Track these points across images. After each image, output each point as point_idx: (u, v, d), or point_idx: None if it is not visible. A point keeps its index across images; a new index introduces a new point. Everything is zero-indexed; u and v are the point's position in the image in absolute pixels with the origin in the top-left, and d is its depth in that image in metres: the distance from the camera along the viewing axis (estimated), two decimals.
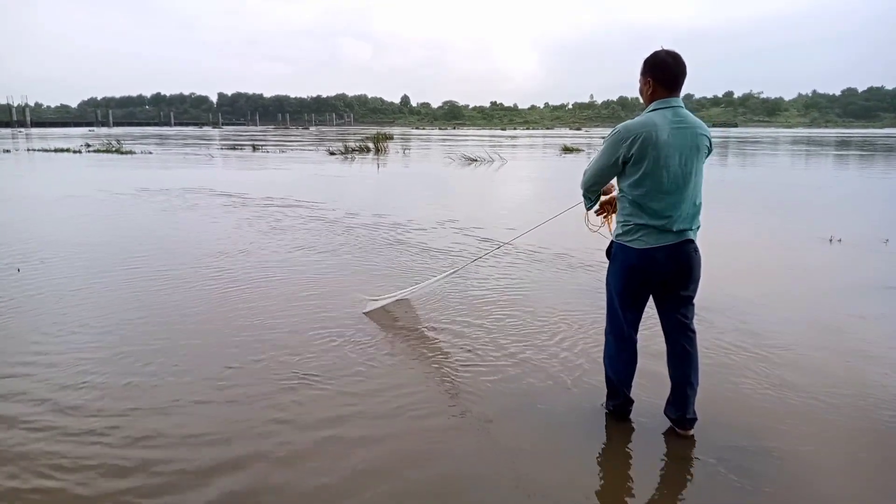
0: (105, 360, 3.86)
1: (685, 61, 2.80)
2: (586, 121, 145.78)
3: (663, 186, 2.74)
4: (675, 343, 2.99)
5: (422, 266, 6.37)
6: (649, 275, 2.86)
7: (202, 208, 10.38)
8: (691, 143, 2.76)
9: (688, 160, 2.76)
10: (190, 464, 2.72)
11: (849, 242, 7.62)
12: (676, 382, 3.01)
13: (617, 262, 2.95)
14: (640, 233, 2.81)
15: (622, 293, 2.96)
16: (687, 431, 3.02)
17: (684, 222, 2.79)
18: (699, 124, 2.81)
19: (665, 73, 2.77)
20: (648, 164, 2.73)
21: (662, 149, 2.71)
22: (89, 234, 8.16)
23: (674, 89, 2.78)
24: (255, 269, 6.16)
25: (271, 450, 2.86)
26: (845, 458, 2.88)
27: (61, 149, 28.11)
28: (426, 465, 2.78)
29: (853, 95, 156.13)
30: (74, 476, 2.64)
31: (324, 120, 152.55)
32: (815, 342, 4.30)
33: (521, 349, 4.11)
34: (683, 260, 2.82)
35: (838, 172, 20.37)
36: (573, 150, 29.87)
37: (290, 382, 3.56)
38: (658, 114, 2.76)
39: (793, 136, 60.47)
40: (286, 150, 30.05)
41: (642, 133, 2.72)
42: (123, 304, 5.00)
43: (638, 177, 2.76)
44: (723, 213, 9.79)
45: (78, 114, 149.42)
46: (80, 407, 3.24)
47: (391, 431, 3.05)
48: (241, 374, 3.66)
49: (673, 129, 2.73)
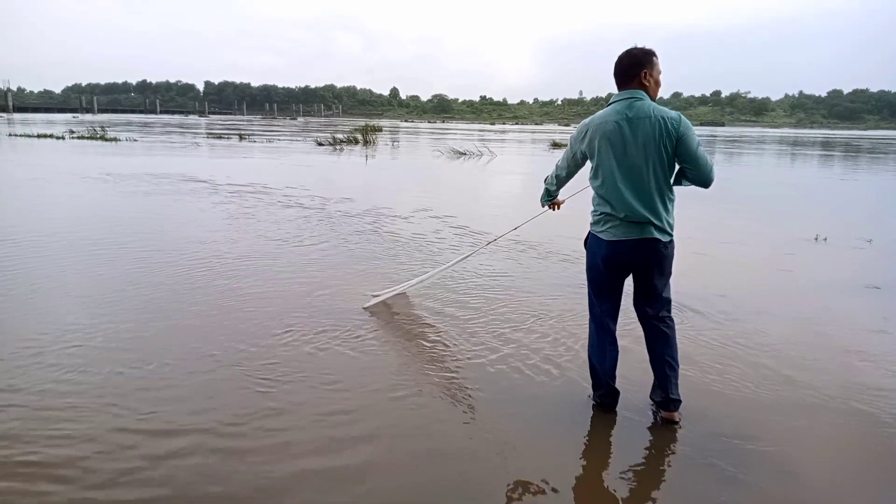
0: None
1: (643, 53, 2.87)
2: (575, 117, 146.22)
3: (615, 177, 2.84)
4: (653, 330, 3.05)
5: (418, 259, 6.34)
6: (618, 265, 2.96)
7: (184, 194, 10.26)
8: (646, 134, 2.77)
9: (641, 151, 2.78)
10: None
11: (834, 241, 7.69)
12: (657, 363, 3.06)
13: (589, 251, 3.06)
14: (607, 224, 2.92)
15: (595, 281, 3.06)
16: (672, 414, 3.03)
17: (646, 214, 2.82)
18: (657, 114, 2.77)
19: (617, 69, 2.91)
20: (600, 156, 2.88)
21: (608, 139, 2.83)
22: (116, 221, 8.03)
23: (624, 83, 2.90)
24: (248, 258, 6.09)
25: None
26: (833, 451, 2.90)
27: (44, 134, 27.66)
28: (415, 457, 2.76)
29: (839, 97, 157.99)
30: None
31: (311, 111, 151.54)
32: (800, 338, 4.33)
33: (507, 340, 4.09)
34: (650, 255, 2.89)
35: (823, 173, 20.58)
36: (562, 146, 29.92)
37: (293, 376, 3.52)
38: (611, 107, 2.89)
39: (779, 137, 61.02)
40: (273, 140, 29.79)
41: (591, 126, 2.90)
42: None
43: (594, 168, 2.95)
44: (709, 210, 9.85)
45: (62, 100, 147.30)
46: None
47: (379, 422, 3.02)
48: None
49: (620, 119, 2.80)
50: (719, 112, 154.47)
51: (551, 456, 2.79)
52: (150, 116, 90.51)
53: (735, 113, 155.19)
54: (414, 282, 4.88)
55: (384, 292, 4.79)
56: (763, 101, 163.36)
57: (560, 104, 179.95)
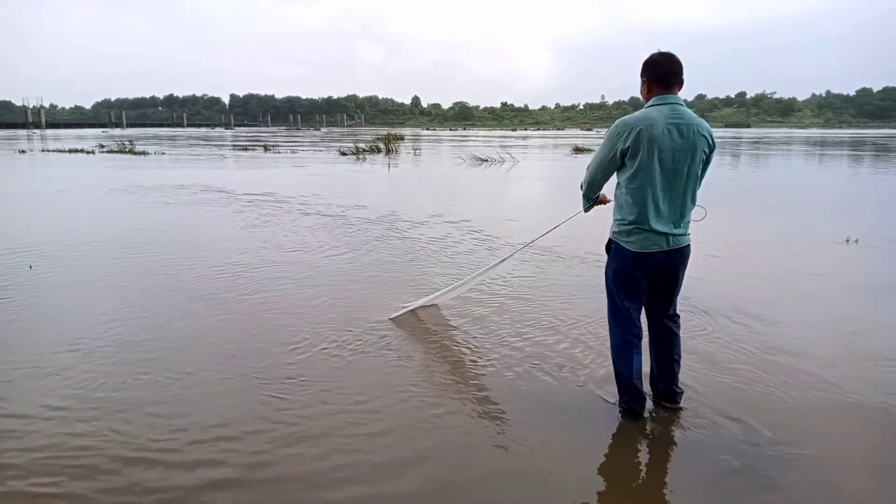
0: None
1: (681, 60, 2.88)
2: (597, 121, 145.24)
3: (655, 181, 2.80)
4: (662, 328, 3.15)
5: (441, 267, 6.37)
6: (643, 272, 2.99)
7: (216, 205, 10.43)
8: (687, 143, 2.79)
9: (682, 159, 2.80)
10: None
11: (865, 243, 7.53)
12: (664, 363, 3.18)
13: (615, 260, 3.05)
14: (634, 235, 2.90)
15: (625, 287, 3.05)
16: (677, 404, 3.18)
17: (676, 223, 2.88)
18: (699, 123, 2.83)
19: (657, 72, 2.86)
20: (643, 158, 2.79)
21: (656, 143, 2.76)
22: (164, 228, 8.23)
23: (668, 87, 2.85)
24: (275, 269, 6.18)
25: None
26: (866, 458, 2.84)
27: (75, 149, 28.36)
28: (440, 463, 2.77)
29: (868, 95, 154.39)
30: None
31: (334, 121, 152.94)
32: (831, 343, 4.26)
33: (533, 345, 4.10)
34: (678, 261, 2.98)
35: (853, 173, 20.15)
36: (584, 151, 29.78)
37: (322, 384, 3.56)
38: (654, 109, 2.82)
39: (806, 137, 59.93)
40: (297, 151, 30.15)
41: (638, 126, 2.79)
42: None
43: (633, 170, 2.84)
44: (738, 213, 9.72)
45: (92, 115, 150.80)
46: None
47: (423, 444, 3.02)
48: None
49: (669, 124, 2.78)
50: (744, 113, 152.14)
51: (584, 466, 2.78)
52: (177, 130, 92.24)
53: (761, 114, 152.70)
54: (445, 291, 4.81)
55: (414, 303, 4.77)
56: (789, 102, 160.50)
57: (582, 109, 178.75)
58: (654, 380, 3.27)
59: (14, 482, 2.57)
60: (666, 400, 3.23)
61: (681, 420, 3.13)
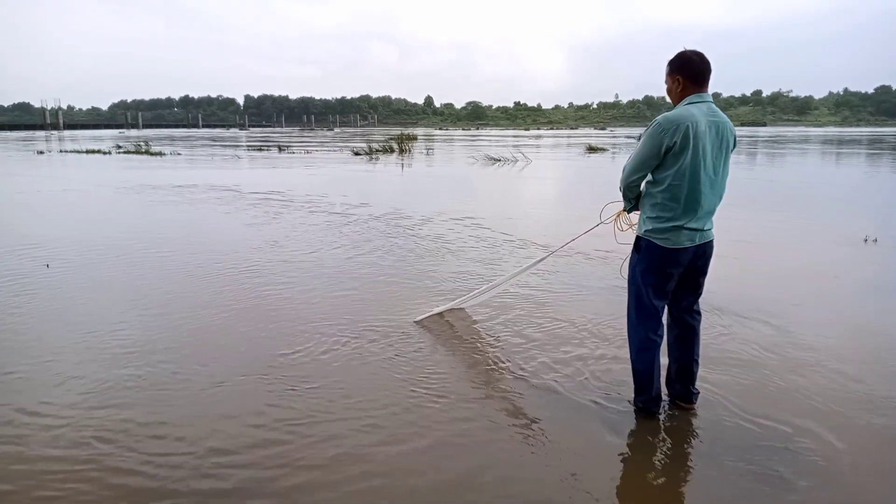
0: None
1: (709, 59, 2.95)
2: (611, 120, 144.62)
3: (699, 177, 2.84)
4: (685, 325, 3.18)
5: (459, 266, 6.39)
6: (676, 269, 3.01)
7: (231, 204, 10.53)
8: (721, 139, 2.90)
9: (719, 156, 2.90)
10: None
11: (884, 243, 7.45)
12: (684, 362, 3.20)
13: (647, 258, 3.03)
14: (670, 232, 2.91)
15: (655, 285, 3.04)
16: (692, 405, 3.21)
17: (709, 217, 2.96)
18: (727, 120, 2.95)
19: (694, 69, 2.90)
20: (689, 154, 2.80)
21: (701, 140, 2.81)
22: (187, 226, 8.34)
23: (703, 84, 2.92)
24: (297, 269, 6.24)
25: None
26: (883, 457, 2.83)
27: (92, 150, 28.70)
28: (464, 466, 2.79)
29: (887, 93, 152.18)
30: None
31: (348, 121, 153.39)
32: (850, 343, 4.23)
33: (551, 349, 4.11)
34: (708, 255, 3.04)
35: (872, 171, 19.90)
36: (598, 150, 29.66)
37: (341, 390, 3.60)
38: (695, 107, 2.86)
39: (823, 136, 59.26)
40: (311, 151, 30.29)
41: (685, 123, 2.79)
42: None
43: (676, 168, 2.83)
44: (756, 211, 9.64)
45: (108, 116, 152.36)
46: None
47: (437, 434, 3.06)
48: None
49: (709, 121, 2.85)
50: (760, 112, 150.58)
51: (607, 468, 2.80)
52: (192, 130, 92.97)
53: (777, 112, 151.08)
54: (473, 295, 4.71)
55: (440, 307, 4.70)
56: (806, 100, 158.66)
57: (596, 108, 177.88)
58: (670, 379, 3.28)
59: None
60: (682, 400, 3.24)
61: (696, 420, 3.13)
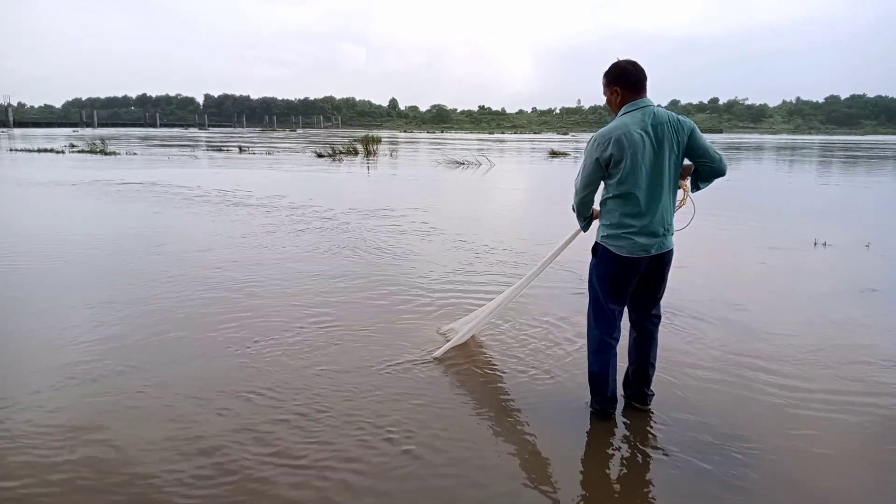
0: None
1: (643, 66, 2.99)
2: (573, 125, 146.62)
3: (640, 183, 2.86)
4: (642, 329, 3.22)
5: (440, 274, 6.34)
6: (633, 276, 3.02)
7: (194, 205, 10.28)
8: (663, 139, 2.87)
9: (661, 158, 2.87)
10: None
11: (835, 246, 7.69)
12: (640, 365, 3.24)
13: (604, 265, 3.06)
14: (622, 240, 2.93)
15: (611, 290, 3.07)
16: (647, 406, 3.26)
17: (663, 223, 2.93)
18: (672, 119, 2.91)
19: (629, 79, 2.94)
20: (627, 163, 2.84)
21: (637, 147, 2.82)
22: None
23: (639, 91, 2.94)
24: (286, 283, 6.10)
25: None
26: (833, 456, 2.89)
27: (45, 149, 27.76)
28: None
29: (836, 103, 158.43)
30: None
31: (311, 122, 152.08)
32: (800, 345, 4.32)
33: (509, 350, 4.12)
34: (662, 266, 3.05)
35: (822, 178, 20.59)
36: (560, 155, 29.98)
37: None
38: (629, 116, 2.89)
39: (777, 143, 61.14)
40: (272, 153, 29.85)
41: (616, 134, 2.85)
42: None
43: (619, 176, 2.88)
44: (708, 217, 9.84)
45: (62, 114, 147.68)
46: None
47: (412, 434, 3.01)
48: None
49: (644, 128, 2.85)
50: (717, 119, 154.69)
51: (558, 467, 2.80)
52: (150, 130, 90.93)
53: (733, 120, 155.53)
54: (484, 315, 4.08)
55: (457, 336, 4.05)
56: (761, 108, 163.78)
57: (559, 113, 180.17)
58: (627, 381, 3.32)
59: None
60: (637, 401, 3.28)
61: (651, 421, 3.15)
